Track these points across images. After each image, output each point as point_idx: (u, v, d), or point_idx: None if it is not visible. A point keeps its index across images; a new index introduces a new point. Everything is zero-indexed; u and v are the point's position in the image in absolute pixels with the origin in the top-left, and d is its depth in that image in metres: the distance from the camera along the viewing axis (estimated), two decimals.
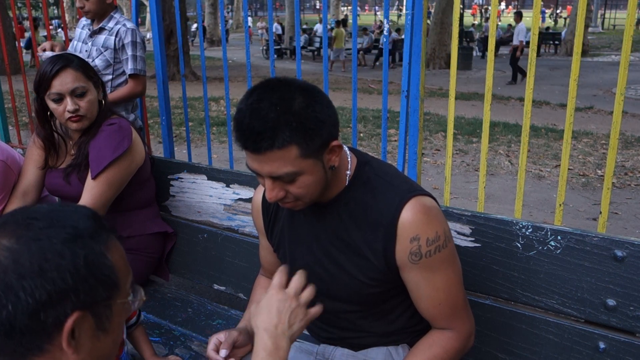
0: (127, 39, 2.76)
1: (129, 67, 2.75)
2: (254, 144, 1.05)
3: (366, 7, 76.03)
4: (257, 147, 1.04)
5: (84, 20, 2.92)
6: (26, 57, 15.64)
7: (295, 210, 1.26)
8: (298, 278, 1.08)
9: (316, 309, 1.09)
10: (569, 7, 39.28)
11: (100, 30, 2.79)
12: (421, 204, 1.16)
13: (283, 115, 1.03)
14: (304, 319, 1.06)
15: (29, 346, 0.72)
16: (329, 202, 1.22)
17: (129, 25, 2.79)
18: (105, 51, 2.77)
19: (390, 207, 1.17)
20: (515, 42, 13.19)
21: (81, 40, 2.87)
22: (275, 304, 1.04)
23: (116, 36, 2.76)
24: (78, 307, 0.72)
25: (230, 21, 37.03)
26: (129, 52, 2.76)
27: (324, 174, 1.13)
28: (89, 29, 2.85)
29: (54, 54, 2.52)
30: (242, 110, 1.06)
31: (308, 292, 1.08)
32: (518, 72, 13.16)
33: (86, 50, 2.81)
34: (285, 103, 1.05)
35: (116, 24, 2.78)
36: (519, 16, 13.53)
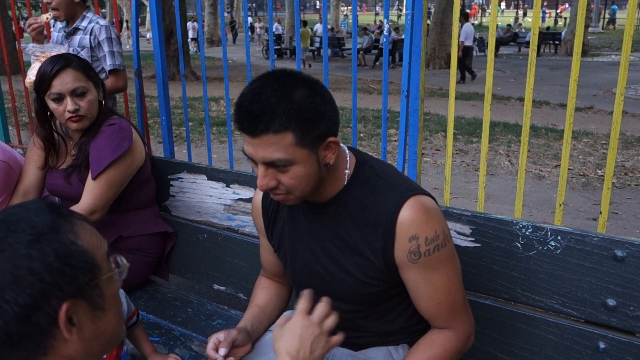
0: (102, 36, 2.81)
1: (108, 64, 2.80)
2: (250, 126, 1.06)
3: (364, 8, 76.06)
4: (253, 128, 1.06)
5: (59, 24, 2.96)
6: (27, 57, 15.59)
7: (291, 207, 1.26)
8: (323, 306, 1.09)
9: (338, 338, 1.10)
10: (561, 6, 39.35)
11: (75, 30, 2.83)
12: (420, 203, 1.16)
13: (282, 101, 1.05)
14: (325, 346, 1.07)
15: (33, 349, 0.73)
16: (328, 201, 1.23)
17: (102, 22, 2.84)
18: (82, 50, 2.81)
19: (389, 207, 1.17)
20: (468, 42, 13.66)
21: (58, 43, 2.90)
22: (299, 329, 1.05)
23: (91, 34, 2.81)
24: (65, 298, 0.73)
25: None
26: (106, 48, 2.81)
27: (317, 169, 1.13)
28: (65, 32, 2.89)
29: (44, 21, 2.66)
30: (244, 94, 1.09)
31: (331, 320, 1.09)
32: (466, 71, 13.63)
33: None
34: (286, 91, 1.06)
35: (89, 22, 2.83)
36: (464, 17, 14.05)
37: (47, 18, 2.73)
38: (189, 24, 21.05)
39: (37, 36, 2.75)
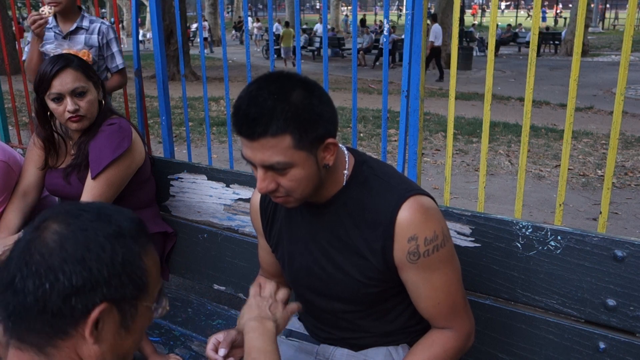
0: (110, 35, 2.89)
1: (118, 62, 2.90)
2: (248, 129, 1.06)
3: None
4: (251, 132, 1.06)
5: (50, 23, 2.93)
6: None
7: (289, 208, 1.26)
8: (271, 284, 1.25)
9: (294, 305, 1.23)
10: (556, 6, 39.47)
11: (77, 29, 2.85)
12: (419, 204, 1.16)
13: (280, 103, 1.05)
14: (285, 313, 1.20)
15: (56, 329, 0.75)
16: (327, 202, 1.22)
17: (106, 22, 2.91)
18: (90, 49, 2.81)
19: (388, 207, 1.17)
20: (437, 42, 14.36)
21: (52, 41, 2.84)
22: (254, 303, 1.21)
23: (99, 34, 2.85)
24: (107, 299, 0.76)
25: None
26: (114, 48, 2.90)
27: (316, 170, 1.13)
28: (58, 31, 2.88)
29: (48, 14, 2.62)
30: (241, 97, 1.08)
31: (282, 292, 1.23)
32: (438, 69, 14.31)
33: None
34: (283, 93, 1.06)
35: (91, 22, 2.87)
36: (433, 19, 14.69)
37: (48, 12, 2.70)
38: (205, 24, 21.19)
39: (41, 32, 2.70)
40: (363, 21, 15.80)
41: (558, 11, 46.05)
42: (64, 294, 0.73)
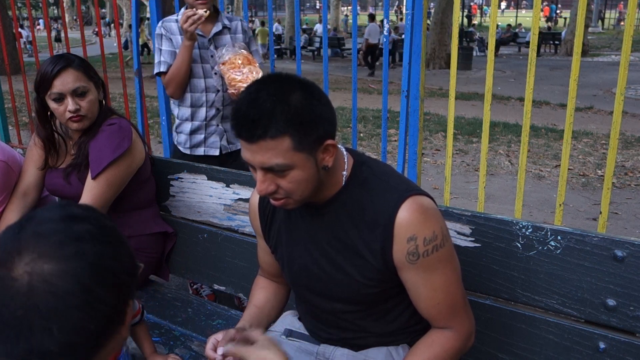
0: (250, 34, 2.66)
1: (258, 60, 2.54)
2: (247, 132, 1.06)
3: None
4: (250, 135, 1.06)
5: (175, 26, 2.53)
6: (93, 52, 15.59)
7: (289, 210, 1.26)
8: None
9: None
10: (546, 7, 39.55)
11: (223, 29, 2.56)
12: (418, 204, 1.16)
13: (279, 105, 1.05)
14: None
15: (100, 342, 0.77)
16: (326, 202, 1.22)
17: (243, 19, 2.69)
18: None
19: (387, 207, 1.17)
20: (372, 40, 15.51)
21: (196, 48, 2.48)
22: None
23: (243, 32, 2.61)
24: (126, 301, 0.81)
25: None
26: (253, 47, 2.64)
27: (316, 172, 1.13)
28: (200, 33, 2.49)
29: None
30: (240, 100, 1.08)
31: None
32: (367, 66, 15.57)
33: (212, 56, 2.51)
34: (282, 95, 1.06)
35: (230, 20, 2.62)
36: (371, 18, 15.74)
37: (204, 12, 2.33)
38: None
39: (194, 34, 2.36)
40: (372, 16, 16.20)
41: (559, 11, 46.02)
42: (103, 322, 0.74)
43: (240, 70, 2.37)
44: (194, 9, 2.34)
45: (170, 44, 2.49)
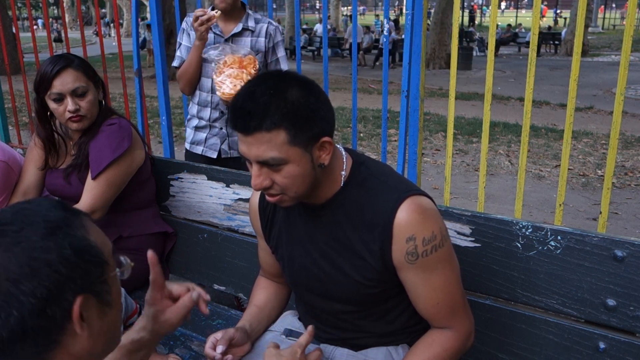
0: (278, 38, 2.50)
1: (282, 69, 2.44)
2: (243, 123, 1.07)
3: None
4: (246, 126, 1.07)
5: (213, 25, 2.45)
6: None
7: (287, 209, 1.26)
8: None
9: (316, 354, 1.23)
10: (545, 7, 39.57)
11: (243, 31, 2.45)
12: (417, 204, 1.16)
13: (276, 99, 1.06)
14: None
15: (45, 343, 0.73)
16: (325, 203, 1.22)
17: (274, 22, 2.52)
18: (256, 55, 2.42)
19: (386, 207, 1.17)
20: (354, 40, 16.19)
21: (212, 44, 2.43)
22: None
23: (266, 36, 2.47)
24: (79, 292, 0.74)
25: None
26: (280, 52, 2.50)
27: (311, 169, 1.13)
28: (219, 32, 2.46)
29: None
30: (238, 94, 1.10)
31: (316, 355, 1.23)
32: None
33: None
34: (280, 90, 1.07)
35: (257, 22, 2.48)
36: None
37: (217, 12, 2.29)
38: None
39: (206, 34, 2.30)
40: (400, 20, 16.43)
41: (558, 11, 46.01)
42: (37, 310, 0.70)
43: (223, 72, 2.31)
44: (203, 9, 2.31)
45: (188, 39, 2.48)
